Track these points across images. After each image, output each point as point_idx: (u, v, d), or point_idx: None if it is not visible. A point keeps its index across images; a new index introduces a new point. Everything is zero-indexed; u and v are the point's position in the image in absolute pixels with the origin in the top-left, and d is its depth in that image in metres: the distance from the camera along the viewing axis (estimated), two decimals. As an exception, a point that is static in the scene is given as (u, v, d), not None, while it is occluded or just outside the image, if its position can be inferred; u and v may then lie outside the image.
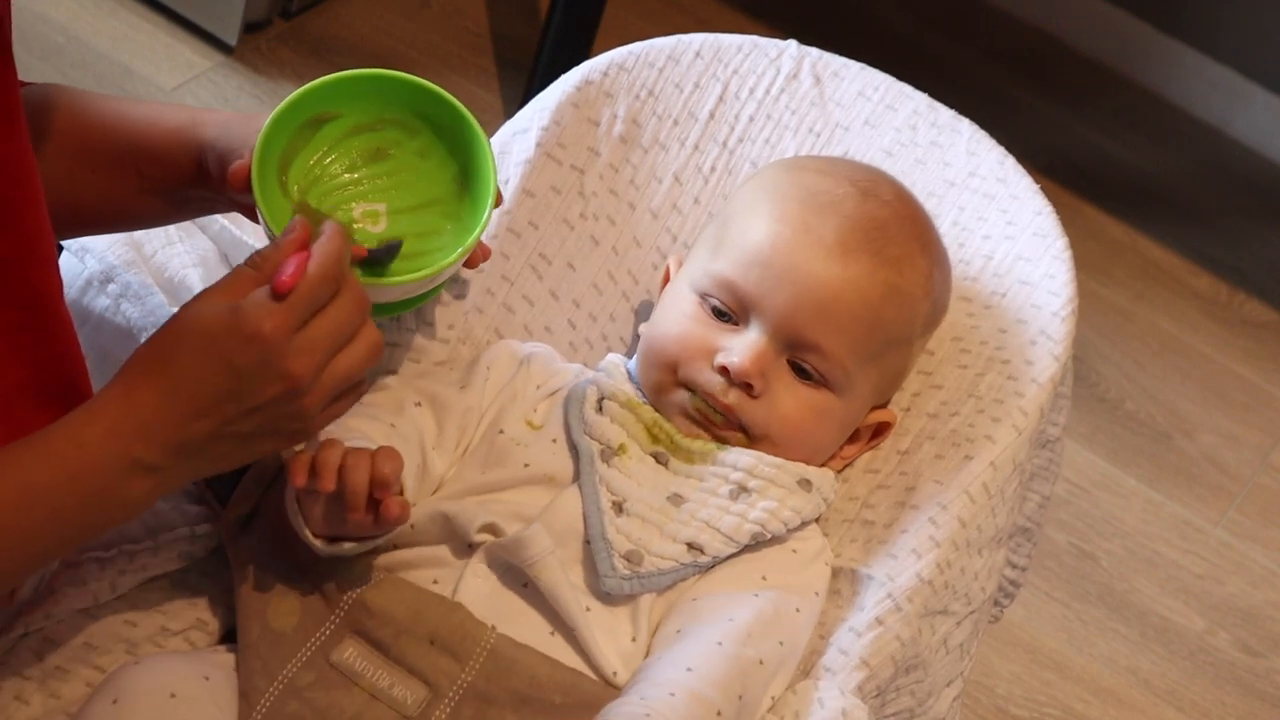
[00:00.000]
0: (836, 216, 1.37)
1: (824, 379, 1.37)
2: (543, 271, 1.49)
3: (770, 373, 1.36)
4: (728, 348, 1.36)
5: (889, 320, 1.38)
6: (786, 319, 1.35)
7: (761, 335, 1.36)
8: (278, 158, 1.28)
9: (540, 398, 1.39)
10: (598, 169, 1.53)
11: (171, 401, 1.13)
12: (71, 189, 1.32)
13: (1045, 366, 1.45)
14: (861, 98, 1.60)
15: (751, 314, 1.37)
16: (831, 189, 1.39)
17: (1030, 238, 1.53)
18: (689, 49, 1.59)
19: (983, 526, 1.40)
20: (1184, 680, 2.30)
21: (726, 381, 1.36)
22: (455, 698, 1.24)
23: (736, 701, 1.25)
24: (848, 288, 1.36)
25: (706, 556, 1.32)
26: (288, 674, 1.24)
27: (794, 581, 1.34)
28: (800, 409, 1.37)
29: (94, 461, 1.12)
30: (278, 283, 1.12)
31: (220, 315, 1.13)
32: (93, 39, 2.55)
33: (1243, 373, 2.72)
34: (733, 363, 1.35)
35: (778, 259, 1.36)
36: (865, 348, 1.37)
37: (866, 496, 1.43)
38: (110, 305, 1.51)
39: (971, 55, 3.12)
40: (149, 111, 1.37)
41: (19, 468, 1.11)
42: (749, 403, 1.36)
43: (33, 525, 1.12)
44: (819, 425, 1.38)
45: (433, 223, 1.30)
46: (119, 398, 1.12)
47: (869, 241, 1.37)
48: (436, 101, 1.31)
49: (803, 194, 1.39)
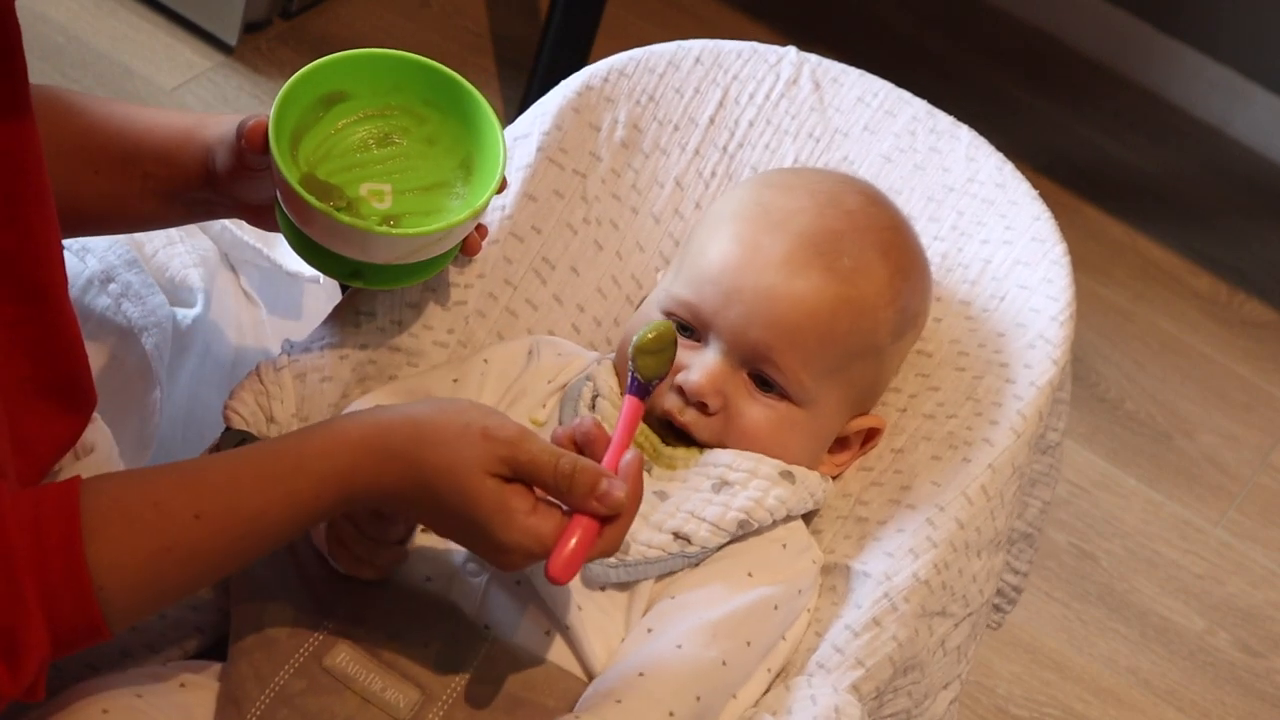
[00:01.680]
0: (786, 233, 1.38)
1: (784, 391, 1.38)
2: (546, 276, 1.49)
3: (729, 389, 1.37)
4: (687, 365, 1.37)
5: (844, 333, 1.38)
6: (739, 335, 1.37)
7: (718, 354, 1.37)
8: (289, 132, 1.30)
9: (550, 392, 1.40)
10: (599, 173, 1.53)
11: (414, 505, 1.19)
12: (74, 190, 1.32)
13: (1044, 370, 1.45)
14: (861, 104, 1.60)
15: (709, 332, 1.38)
16: (786, 205, 1.40)
17: (1029, 243, 1.53)
18: (689, 55, 1.59)
19: (981, 529, 1.40)
20: (1184, 680, 2.30)
21: (683, 401, 1.37)
22: (448, 701, 1.24)
23: (693, 703, 1.25)
24: (796, 304, 1.36)
25: (694, 546, 1.32)
26: (279, 681, 1.24)
27: (778, 577, 1.34)
28: (761, 421, 1.37)
29: (321, 509, 1.17)
30: (551, 576, 1.16)
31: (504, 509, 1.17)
32: (93, 39, 2.55)
33: (1243, 373, 2.72)
34: (689, 381, 1.36)
35: (727, 278, 1.37)
36: (821, 362, 1.38)
37: (860, 493, 1.43)
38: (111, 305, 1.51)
39: (971, 55, 3.11)
40: (154, 114, 1.37)
41: (252, 503, 1.15)
42: (704, 420, 1.37)
43: (247, 553, 1.17)
44: (784, 435, 1.38)
45: (438, 202, 1.32)
46: (370, 471, 1.17)
47: (819, 256, 1.38)
48: (447, 83, 1.33)
49: (757, 212, 1.40)
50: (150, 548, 1.12)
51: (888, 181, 1.57)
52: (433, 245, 1.30)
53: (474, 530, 1.17)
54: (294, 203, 1.28)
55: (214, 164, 1.33)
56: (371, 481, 1.16)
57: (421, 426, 1.18)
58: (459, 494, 1.16)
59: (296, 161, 1.30)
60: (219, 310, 1.58)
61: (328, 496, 1.16)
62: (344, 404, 1.39)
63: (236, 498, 1.15)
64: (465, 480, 1.16)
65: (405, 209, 1.31)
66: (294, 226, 1.31)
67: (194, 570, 1.15)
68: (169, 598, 1.17)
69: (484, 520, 1.16)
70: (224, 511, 1.14)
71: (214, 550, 1.15)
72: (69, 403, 1.20)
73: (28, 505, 1.10)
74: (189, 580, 1.16)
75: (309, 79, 1.31)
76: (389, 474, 1.16)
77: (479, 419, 1.17)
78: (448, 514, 1.17)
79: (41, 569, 1.08)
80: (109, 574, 1.10)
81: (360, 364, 1.40)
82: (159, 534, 1.13)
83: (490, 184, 1.31)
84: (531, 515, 1.17)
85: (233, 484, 1.16)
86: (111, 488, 1.14)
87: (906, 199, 1.56)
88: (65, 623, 1.09)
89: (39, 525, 1.09)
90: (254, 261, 1.63)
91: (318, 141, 1.32)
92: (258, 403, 1.35)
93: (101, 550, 1.10)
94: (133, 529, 1.12)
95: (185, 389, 1.57)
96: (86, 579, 1.09)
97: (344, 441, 1.17)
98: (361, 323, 1.40)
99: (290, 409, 1.36)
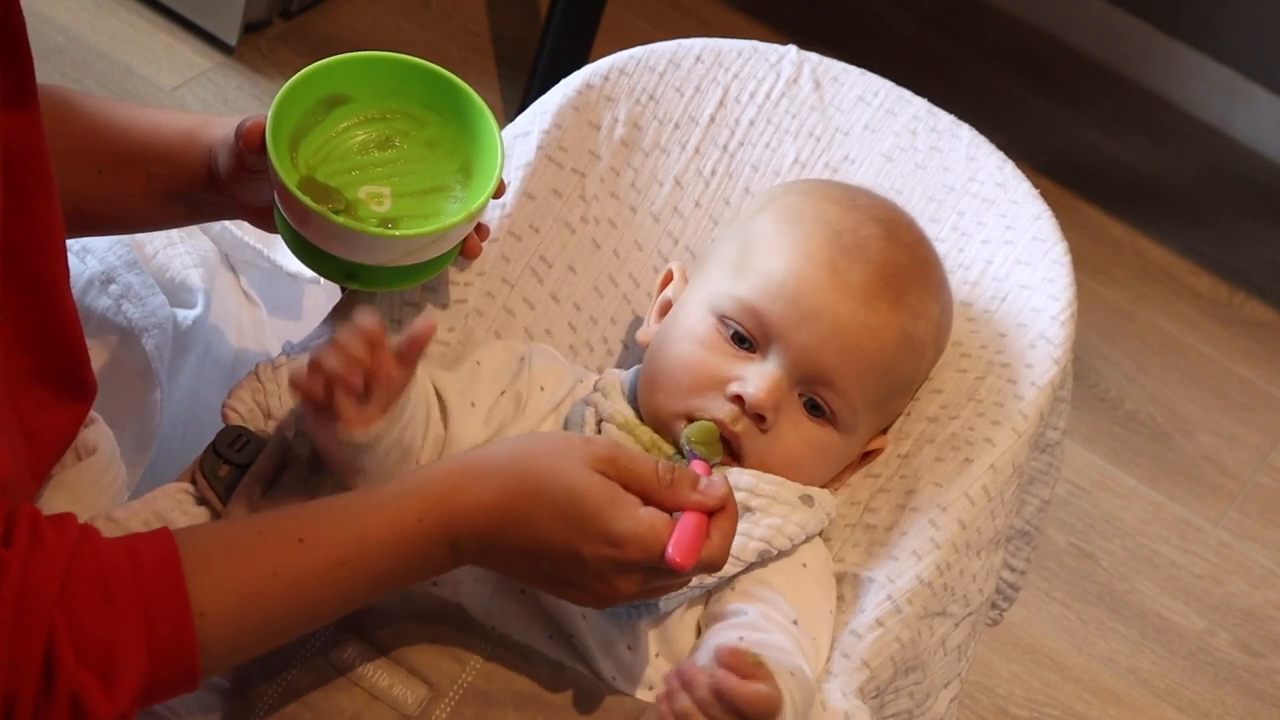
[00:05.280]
0: (862, 261, 1.37)
1: (834, 416, 1.36)
2: (543, 275, 1.49)
3: (782, 406, 1.35)
4: (743, 377, 1.34)
5: (901, 367, 1.39)
6: (807, 355, 1.35)
7: (779, 368, 1.35)
8: (289, 134, 1.30)
9: (548, 410, 1.39)
10: (599, 172, 1.53)
11: (510, 536, 1.17)
12: (78, 190, 1.32)
13: (1045, 370, 1.45)
14: (861, 103, 1.60)
15: (771, 345, 1.36)
16: (857, 229, 1.38)
17: (1029, 242, 1.53)
18: (689, 53, 1.59)
19: (982, 529, 1.40)
20: (1184, 680, 2.30)
21: (739, 410, 1.34)
22: (456, 697, 1.24)
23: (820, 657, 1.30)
24: (869, 334, 1.36)
25: (712, 578, 1.31)
26: (287, 676, 1.24)
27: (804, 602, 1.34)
28: (802, 445, 1.36)
29: (424, 534, 1.15)
30: (671, 559, 1.15)
31: (617, 499, 1.16)
32: (93, 39, 2.55)
33: (1243, 373, 2.72)
34: (748, 393, 1.33)
35: (804, 297, 1.35)
36: (876, 393, 1.38)
37: (868, 501, 1.43)
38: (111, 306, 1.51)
39: (971, 55, 3.11)
40: (157, 114, 1.37)
41: (355, 525, 1.14)
42: (754, 434, 1.35)
43: (351, 583, 1.15)
44: (817, 462, 1.38)
45: (437, 206, 1.32)
46: (473, 490, 1.16)
47: (889, 289, 1.37)
48: (447, 87, 1.33)
49: (829, 232, 1.38)
50: (253, 573, 1.11)
51: (889, 180, 1.57)
52: (428, 248, 1.30)
53: (584, 530, 1.15)
54: (290, 204, 1.28)
55: (216, 165, 1.33)
56: (474, 501, 1.15)
57: (519, 444, 1.19)
58: (567, 492, 1.15)
59: (296, 163, 1.30)
60: (219, 311, 1.58)
61: (431, 519, 1.15)
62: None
63: (339, 521, 1.14)
64: (574, 478, 1.15)
65: (404, 212, 1.31)
66: (291, 228, 1.31)
67: (298, 600, 1.13)
68: (272, 631, 1.14)
69: (595, 513, 1.15)
70: (327, 535, 1.13)
71: (318, 577, 1.13)
72: (70, 392, 1.20)
73: (121, 539, 1.08)
74: (292, 610, 1.13)
75: (309, 81, 1.31)
76: (491, 489, 1.15)
77: (574, 434, 1.19)
78: (556, 526, 1.15)
79: (140, 590, 1.06)
80: (211, 597, 1.08)
81: (359, 362, 1.39)
82: (263, 559, 1.11)
83: (487, 188, 1.31)
84: (643, 508, 1.16)
85: (334, 511, 1.15)
86: (208, 527, 1.15)
87: (907, 199, 1.55)
88: (163, 648, 1.06)
89: (135, 552, 1.07)
90: (254, 262, 1.63)
91: (318, 144, 1.32)
92: (255, 400, 1.35)
93: (204, 575, 1.08)
94: (235, 555, 1.11)
95: (186, 390, 1.57)
96: (185, 602, 1.07)
97: (445, 467, 1.17)
98: (360, 322, 1.40)
99: (289, 405, 1.36)
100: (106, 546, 1.07)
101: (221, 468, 1.29)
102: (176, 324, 1.55)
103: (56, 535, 1.05)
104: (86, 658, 1.03)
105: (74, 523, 1.07)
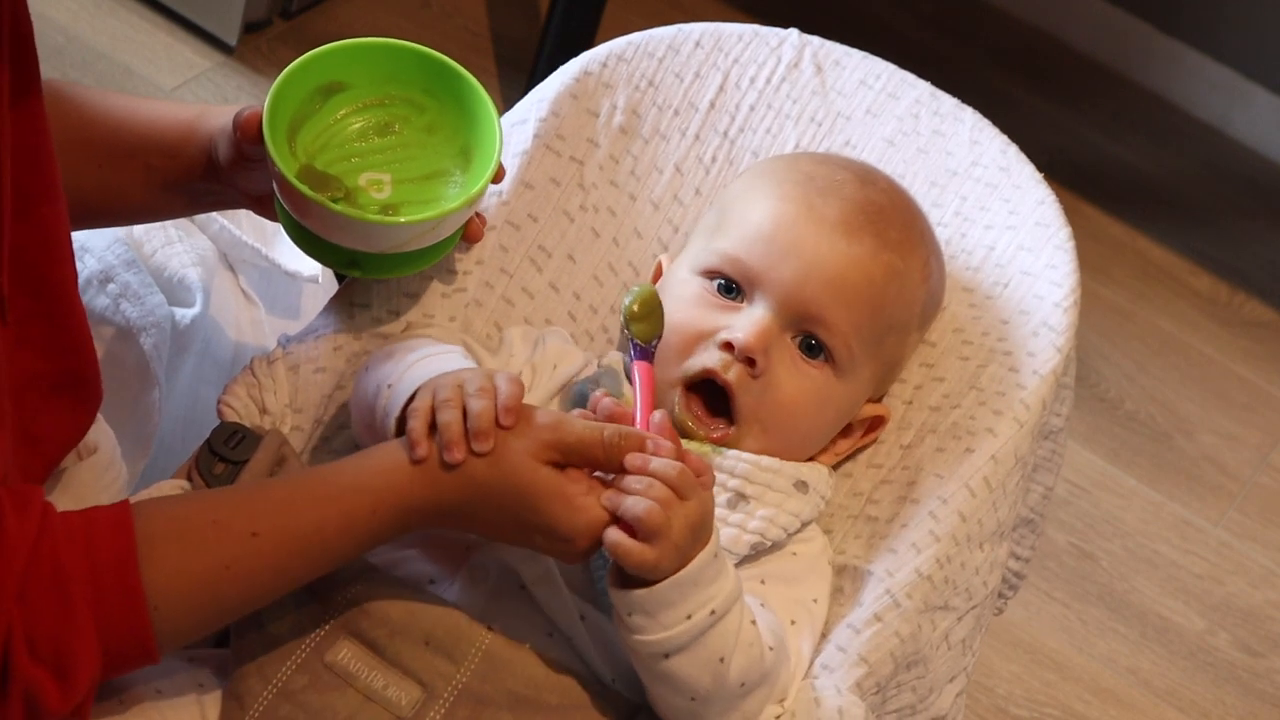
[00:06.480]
0: (838, 197, 1.38)
1: (830, 355, 1.36)
2: (542, 264, 1.49)
3: (773, 351, 1.35)
4: (731, 325, 1.35)
5: (891, 302, 1.38)
6: (792, 293, 1.35)
7: (766, 311, 1.35)
8: (287, 121, 1.29)
9: (556, 388, 1.39)
10: (597, 160, 1.52)
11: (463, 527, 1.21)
12: (77, 182, 1.32)
13: (1048, 358, 1.44)
14: (863, 86, 1.60)
15: (756, 290, 1.36)
16: (829, 174, 1.40)
17: (1033, 227, 1.52)
18: (689, 39, 1.58)
19: (984, 521, 1.39)
20: (1184, 680, 2.29)
21: (730, 357, 1.35)
22: (450, 698, 1.24)
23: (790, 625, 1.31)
24: (854, 265, 1.36)
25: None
26: (282, 677, 1.24)
27: (791, 593, 1.34)
28: (798, 391, 1.36)
29: (377, 527, 1.18)
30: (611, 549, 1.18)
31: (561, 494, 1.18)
32: (93, 39, 2.55)
33: (1243, 373, 2.71)
34: (736, 338, 1.34)
35: (781, 235, 1.36)
36: (870, 328, 1.37)
37: (870, 492, 1.43)
38: (110, 305, 1.51)
39: (971, 55, 3.11)
40: (156, 106, 1.37)
41: (310, 518, 1.17)
42: (747, 381, 1.35)
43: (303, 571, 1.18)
44: (816, 410, 1.37)
45: (437, 191, 1.32)
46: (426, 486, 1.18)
47: (870, 223, 1.37)
48: (444, 71, 1.33)
49: (801, 177, 1.40)
50: (208, 565, 1.13)
51: (891, 165, 1.56)
52: (428, 233, 1.30)
53: (536, 524, 1.18)
54: (289, 194, 1.28)
55: (216, 155, 1.33)
56: (428, 498, 1.18)
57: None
58: (515, 491, 1.17)
59: (294, 152, 1.30)
60: (218, 310, 1.58)
61: (384, 514, 1.17)
62: (340, 396, 1.38)
63: (293, 515, 1.16)
64: (520, 476, 1.17)
65: (404, 198, 1.31)
66: (292, 218, 1.31)
67: (250, 588, 1.15)
68: (224, 617, 1.17)
69: (544, 510, 1.17)
70: (280, 529, 1.15)
71: (271, 568, 1.15)
72: (78, 398, 1.20)
73: (79, 524, 1.09)
74: (244, 599, 1.16)
75: (305, 69, 1.30)
76: (446, 488, 1.17)
77: (524, 423, 1.19)
78: (508, 516, 1.18)
79: (95, 585, 1.08)
80: (164, 592, 1.10)
81: (355, 355, 1.39)
82: (217, 552, 1.13)
83: (486, 172, 1.31)
84: (589, 495, 1.18)
85: (289, 503, 1.17)
86: (166, 508, 1.14)
87: (910, 183, 1.54)
88: (117, 641, 1.09)
89: (91, 543, 1.09)
90: (252, 261, 1.63)
91: (316, 132, 1.32)
92: (250, 395, 1.35)
93: (157, 569, 1.10)
94: (189, 547, 1.13)
95: (184, 388, 1.57)
96: (140, 596, 1.09)
97: (400, 461, 1.18)
98: (356, 314, 1.40)
99: (284, 400, 1.35)
100: (65, 537, 1.08)
101: (217, 465, 1.29)
102: (175, 323, 1.55)
103: (17, 525, 1.06)
104: (41, 654, 1.06)
105: (36, 509, 1.08)
